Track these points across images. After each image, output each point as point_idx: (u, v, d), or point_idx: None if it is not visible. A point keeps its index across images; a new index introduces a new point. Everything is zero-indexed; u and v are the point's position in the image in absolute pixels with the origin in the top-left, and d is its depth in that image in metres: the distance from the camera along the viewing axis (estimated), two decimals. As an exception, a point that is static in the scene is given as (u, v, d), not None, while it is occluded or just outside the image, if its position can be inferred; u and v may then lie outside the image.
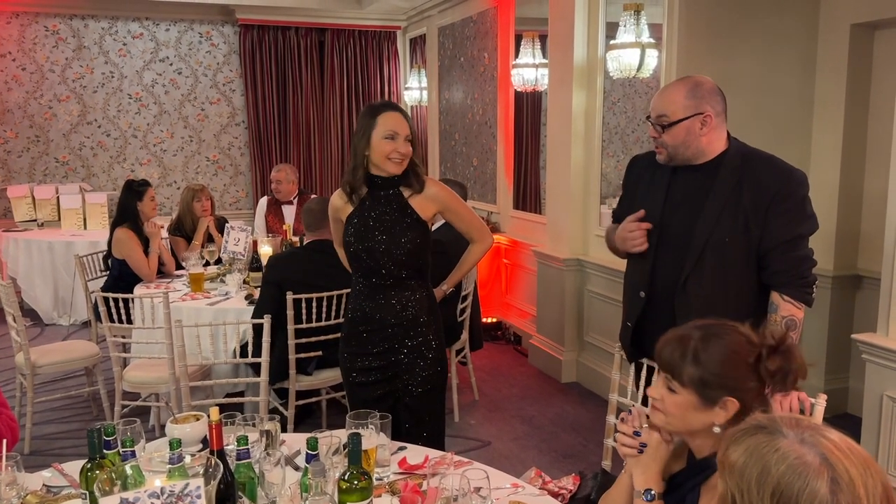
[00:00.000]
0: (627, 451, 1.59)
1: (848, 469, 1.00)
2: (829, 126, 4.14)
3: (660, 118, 2.20)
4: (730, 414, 1.46)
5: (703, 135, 2.18)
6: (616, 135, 5.83)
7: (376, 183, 2.45)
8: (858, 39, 4.03)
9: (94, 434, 1.60)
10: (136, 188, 4.63)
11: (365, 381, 2.53)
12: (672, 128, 2.18)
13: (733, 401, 1.45)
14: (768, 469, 1.01)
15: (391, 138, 2.36)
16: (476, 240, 2.66)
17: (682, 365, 1.49)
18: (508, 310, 5.98)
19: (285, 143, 7.88)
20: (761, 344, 1.48)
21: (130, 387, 3.73)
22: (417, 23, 7.69)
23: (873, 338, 2.86)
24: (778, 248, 2.12)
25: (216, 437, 1.60)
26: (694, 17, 3.93)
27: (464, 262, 2.73)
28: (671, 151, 2.21)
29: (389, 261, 2.42)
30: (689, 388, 1.48)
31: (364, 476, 1.56)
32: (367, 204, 2.46)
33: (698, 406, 1.48)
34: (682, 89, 2.20)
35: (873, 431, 2.92)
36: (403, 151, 2.38)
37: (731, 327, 1.50)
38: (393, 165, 2.39)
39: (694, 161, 2.22)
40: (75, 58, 7.23)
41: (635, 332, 2.35)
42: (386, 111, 2.39)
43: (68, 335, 5.90)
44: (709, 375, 1.46)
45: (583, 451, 3.89)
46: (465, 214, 2.59)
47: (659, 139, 2.22)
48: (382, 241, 2.42)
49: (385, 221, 2.43)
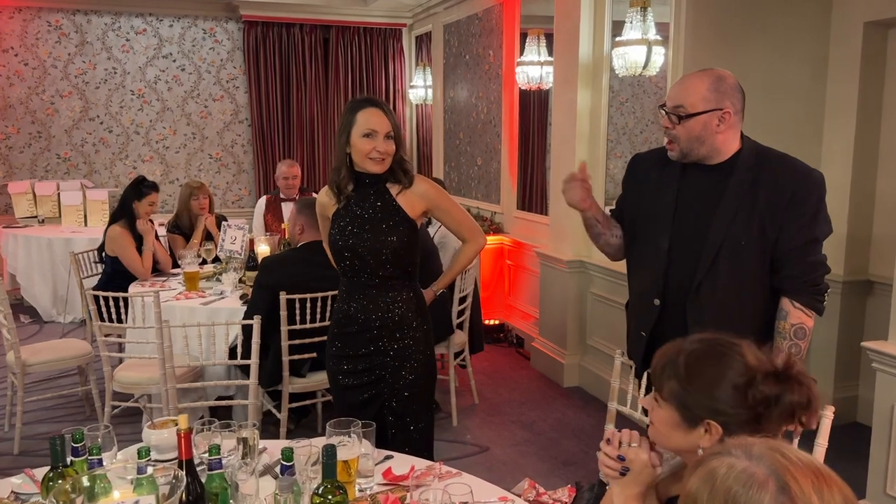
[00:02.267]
0: (609, 472, 1.49)
1: (798, 479, 0.97)
2: (841, 127, 4.02)
3: (676, 108, 2.07)
4: (714, 439, 1.34)
5: (720, 132, 2.05)
6: (624, 135, 5.72)
7: (362, 180, 2.36)
8: (872, 38, 3.91)
9: (56, 441, 1.52)
10: (141, 188, 4.49)
11: (351, 383, 2.44)
12: (688, 120, 2.04)
13: (715, 425, 1.34)
14: (716, 486, 1.00)
15: (369, 136, 2.27)
16: (468, 239, 2.57)
17: (664, 378, 1.40)
18: (511, 312, 5.88)
19: (289, 140, 7.81)
20: (758, 368, 1.35)
21: (122, 387, 3.66)
22: (423, 20, 7.61)
23: (884, 346, 2.75)
24: (793, 251, 2.01)
25: (185, 447, 1.51)
26: (702, 15, 3.82)
27: (455, 262, 2.64)
28: (684, 147, 2.08)
29: (375, 259, 2.34)
30: (670, 403, 1.39)
31: (339, 490, 1.47)
32: (353, 201, 2.38)
33: (680, 424, 1.38)
34: (704, 81, 2.06)
35: (884, 442, 2.81)
36: (383, 150, 2.29)
37: (732, 345, 1.38)
38: (373, 164, 2.30)
39: (707, 160, 2.10)
40: (78, 53, 7.18)
41: (647, 342, 2.23)
42: (365, 107, 2.30)
43: (66, 333, 5.84)
44: (690, 393, 1.36)
45: (584, 458, 3.79)
46: (455, 213, 2.50)
47: (672, 131, 2.08)
48: (368, 240, 2.33)
49: (371, 219, 2.35)
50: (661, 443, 1.44)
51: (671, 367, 1.39)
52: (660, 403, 1.41)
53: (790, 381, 1.33)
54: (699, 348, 1.39)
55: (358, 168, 2.35)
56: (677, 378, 1.37)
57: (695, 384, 1.36)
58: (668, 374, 1.39)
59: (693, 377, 1.36)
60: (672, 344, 1.44)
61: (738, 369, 1.34)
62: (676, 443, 1.40)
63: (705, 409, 1.34)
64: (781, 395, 1.32)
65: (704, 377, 1.35)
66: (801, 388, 1.33)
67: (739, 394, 1.33)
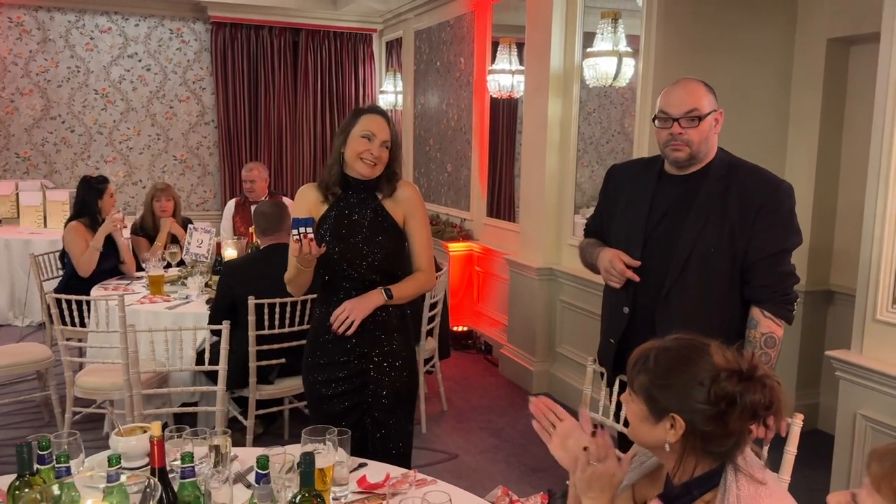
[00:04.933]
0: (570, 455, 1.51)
1: None
2: (804, 141, 4.12)
3: (690, 112, 2.12)
4: (678, 434, 1.38)
5: (715, 132, 2.16)
6: (591, 145, 5.78)
7: (351, 184, 2.36)
8: (834, 54, 4.02)
9: (23, 448, 1.47)
10: (97, 185, 4.51)
11: (329, 393, 2.40)
12: (702, 122, 2.12)
13: (679, 419, 1.38)
14: None
15: (367, 138, 2.29)
16: (424, 269, 2.43)
17: (635, 372, 1.45)
18: (480, 318, 5.89)
19: (256, 143, 7.73)
20: (723, 366, 1.38)
21: (83, 393, 3.57)
22: (393, 26, 7.60)
23: (847, 355, 2.80)
24: (762, 261, 2.06)
25: (158, 454, 1.48)
26: (672, 28, 3.88)
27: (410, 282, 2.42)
28: (695, 149, 2.14)
29: (363, 264, 2.33)
30: (639, 396, 1.44)
31: (317, 498, 1.44)
32: (343, 205, 2.37)
33: (648, 418, 1.42)
34: (700, 85, 2.17)
35: (846, 449, 2.87)
36: (376, 154, 2.29)
37: (703, 344, 1.42)
38: (363, 166, 2.30)
39: (697, 164, 2.17)
40: (40, 51, 7.01)
41: (617, 350, 2.26)
42: (370, 113, 2.34)
43: (23, 337, 5.68)
44: (655, 386, 1.41)
45: (553, 465, 3.75)
46: (424, 233, 2.44)
47: (684, 136, 2.13)
48: (358, 244, 2.32)
49: (361, 224, 2.34)
50: (633, 437, 1.48)
51: (643, 362, 1.44)
52: (632, 397, 1.46)
53: (753, 381, 1.35)
54: (671, 346, 1.44)
55: (347, 169, 2.34)
56: (646, 372, 1.42)
57: (661, 378, 1.40)
58: (639, 369, 1.44)
59: (660, 371, 1.40)
60: (649, 342, 1.48)
61: (704, 366, 1.38)
62: (644, 436, 1.44)
63: (671, 403, 1.38)
64: (743, 393, 1.34)
65: (671, 372, 1.39)
66: (763, 390, 1.35)
67: (703, 389, 1.36)
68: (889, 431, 2.68)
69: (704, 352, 1.40)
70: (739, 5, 4.00)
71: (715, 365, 1.37)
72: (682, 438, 1.38)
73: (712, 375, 1.36)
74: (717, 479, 1.38)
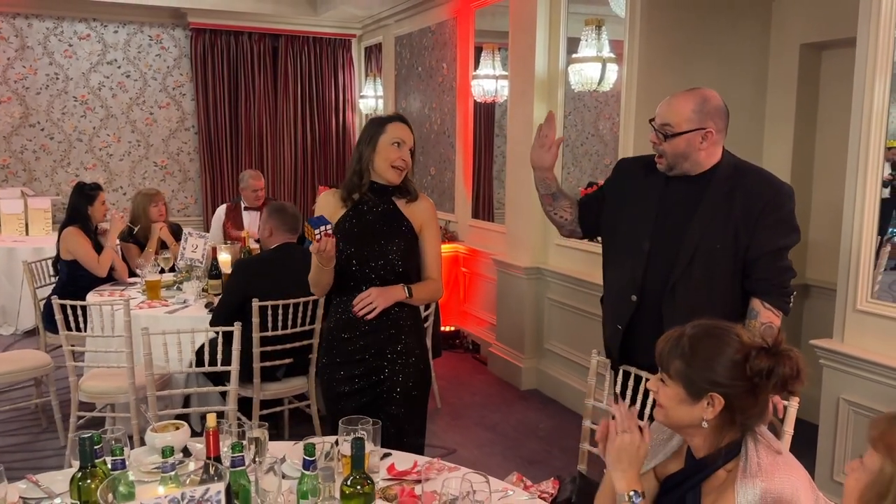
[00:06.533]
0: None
1: None
2: (780, 140, 4.32)
3: (664, 126, 2.25)
4: (716, 410, 1.51)
5: (703, 149, 2.24)
6: (567, 147, 5.93)
7: (374, 189, 2.46)
8: (807, 59, 4.23)
9: (85, 442, 1.55)
10: (88, 192, 4.56)
11: (346, 390, 2.49)
12: (674, 138, 2.23)
13: (718, 397, 1.50)
14: None
15: (398, 145, 2.40)
16: (434, 279, 2.55)
17: (671, 358, 1.56)
18: (466, 318, 6.00)
19: (237, 149, 7.76)
20: (752, 345, 1.53)
21: (87, 397, 3.61)
22: (373, 31, 7.69)
23: (831, 344, 2.97)
24: (763, 257, 2.21)
25: (213, 444, 1.57)
26: (654, 34, 4.04)
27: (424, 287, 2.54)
28: (670, 161, 2.27)
29: (381, 263, 2.42)
30: (676, 380, 1.55)
31: (367, 481, 1.55)
32: (363, 209, 2.46)
33: (685, 399, 1.54)
34: (690, 103, 2.24)
35: (830, 434, 3.04)
36: (407, 160, 2.43)
37: (727, 326, 1.56)
38: (394, 173, 2.42)
39: (690, 172, 2.28)
40: (18, 58, 6.97)
41: (623, 337, 2.38)
42: (396, 121, 2.45)
43: (9, 346, 5.66)
44: (693, 369, 1.52)
45: (547, 457, 3.93)
46: (437, 244, 2.58)
47: (660, 147, 2.27)
48: (377, 246, 2.42)
49: (380, 228, 2.44)
50: (668, 420, 1.59)
51: (676, 348, 1.55)
52: (666, 383, 1.57)
53: (780, 355, 1.50)
54: (700, 331, 1.56)
55: (374, 177, 2.44)
56: (682, 357, 1.54)
57: (698, 361, 1.52)
58: (674, 355, 1.55)
59: (696, 355, 1.52)
60: (674, 330, 1.60)
61: (735, 346, 1.52)
62: (682, 417, 1.55)
63: (708, 383, 1.51)
64: (775, 367, 1.49)
65: (706, 354, 1.52)
66: (790, 361, 1.50)
67: (738, 367, 1.50)
68: (869, 414, 2.85)
69: (732, 333, 1.53)
70: (717, 13, 4.19)
71: (744, 344, 1.51)
72: (718, 414, 1.51)
73: (745, 354, 1.50)
74: (738, 449, 1.52)
